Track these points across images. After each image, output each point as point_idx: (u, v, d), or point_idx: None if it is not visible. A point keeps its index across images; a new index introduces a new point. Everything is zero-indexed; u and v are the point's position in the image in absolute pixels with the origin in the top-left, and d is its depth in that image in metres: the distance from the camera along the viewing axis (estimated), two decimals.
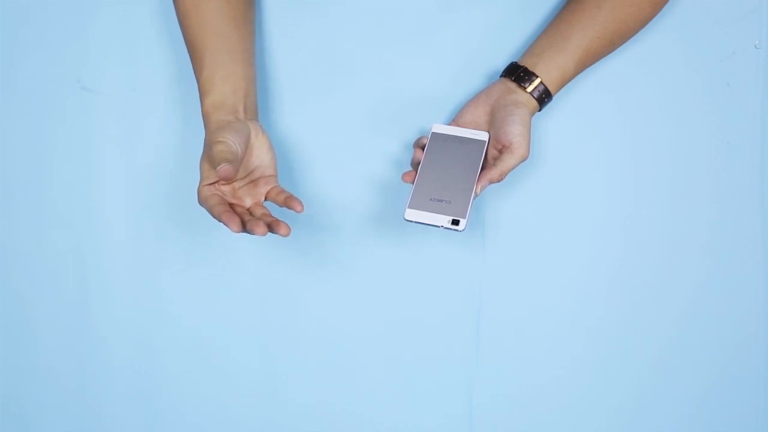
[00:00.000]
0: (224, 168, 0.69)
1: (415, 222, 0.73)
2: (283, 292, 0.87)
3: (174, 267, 0.88)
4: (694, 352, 0.87)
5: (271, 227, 0.71)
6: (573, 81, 0.81)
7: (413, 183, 0.75)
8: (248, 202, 0.76)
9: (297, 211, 0.74)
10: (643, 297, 0.87)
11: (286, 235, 0.71)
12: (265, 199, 0.77)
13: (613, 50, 0.82)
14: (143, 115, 0.87)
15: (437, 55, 0.85)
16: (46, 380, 0.89)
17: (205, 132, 0.76)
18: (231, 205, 0.74)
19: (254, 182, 0.77)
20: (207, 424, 0.89)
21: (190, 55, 0.80)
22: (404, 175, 0.77)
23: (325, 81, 0.86)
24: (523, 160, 0.75)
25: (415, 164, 0.78)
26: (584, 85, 0.85)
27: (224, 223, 0.70)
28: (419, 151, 0.78)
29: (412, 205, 0.74)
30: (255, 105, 0.80)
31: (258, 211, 0.76)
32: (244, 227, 0.70)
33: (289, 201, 0.75)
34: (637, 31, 0.82)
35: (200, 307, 0.88)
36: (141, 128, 0.87)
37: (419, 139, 0.80)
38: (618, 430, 0.88)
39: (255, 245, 0.86)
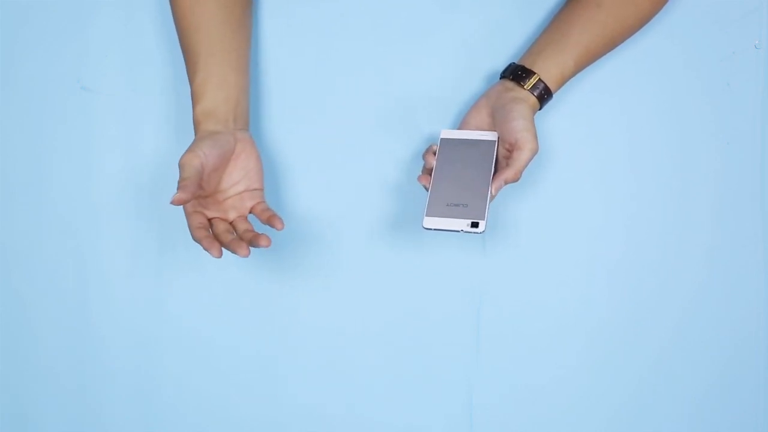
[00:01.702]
0: (176, 197, 0.69)
1: (435, 229, 0.72)
2: (282, 292, 0.87)
3: (174, 267, 0.88)
4: (694, 352, 0.87)
5: (252, 242, 0.71)
6: (572, 81, 0.81)
7: (428, 189, 0.75)
8: (232, 215, 0.76)
9: (277, 229, 0.74)
10: (643, 297, 0.87)
11: (267, 246, 0.71)
12: (250, 212, 0.77)
13: (614, 48, 0.82)
14: (143, 115, 0.87)
15: (437, 55, 0.85)
16: (46, 380, 0.89)
17: None
18: (212, 221, 0.75)
19: (240, 195, 0.77)
20: (207, 424, 0.89)
21: (184, 58, 0.80)
22: (420, 177, 0.77)
23: (323, 81, 0.86)
24: (534, 153, 0.74)
25: (428, 171, 0.77)
26: (584, 85, 0.85)
27: (204, 249, 0.71)
28: (431, 156, 0.77)
29: (430, 213, 0.73)
30: (246, 115, 0.80)
31: (241, 226, 0.75)
32: (228, 247, 0.71)
33: (271, 219, 0.75)
34: (638, 29, 0.82)
35: (200, 307, 0.88)
36: (141, 128, 0.87)
37: (430, 146, 0.79)
38: (618, 430, 0.88)
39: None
